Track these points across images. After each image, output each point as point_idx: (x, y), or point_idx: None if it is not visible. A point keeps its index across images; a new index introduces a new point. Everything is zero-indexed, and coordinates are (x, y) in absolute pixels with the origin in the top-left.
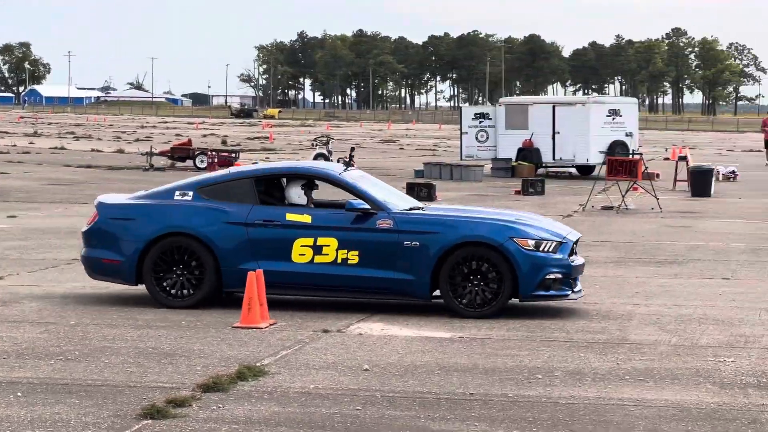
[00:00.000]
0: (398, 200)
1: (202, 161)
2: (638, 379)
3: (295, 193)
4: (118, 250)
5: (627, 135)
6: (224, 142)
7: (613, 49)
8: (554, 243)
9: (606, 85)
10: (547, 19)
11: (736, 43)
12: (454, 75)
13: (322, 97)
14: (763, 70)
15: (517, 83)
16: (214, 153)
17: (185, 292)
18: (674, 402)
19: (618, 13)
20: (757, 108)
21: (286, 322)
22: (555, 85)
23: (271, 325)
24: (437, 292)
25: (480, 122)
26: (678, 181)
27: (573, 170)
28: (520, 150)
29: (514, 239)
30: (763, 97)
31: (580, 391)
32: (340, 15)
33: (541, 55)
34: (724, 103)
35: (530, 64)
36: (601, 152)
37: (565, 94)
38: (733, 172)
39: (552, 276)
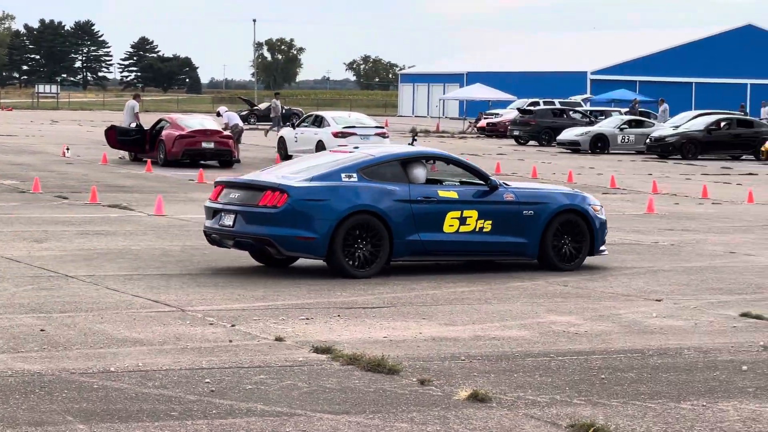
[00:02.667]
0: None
1: None
2: None
3: (421, 173)
4: (312, 228)
5: None
6: None
7: None
8: (600, 207)
9: None
10: None
11: None
12: None
13: None
14: None
15: None
16: None
17: (366, 263)
18: None
19: None
20: None
21: None
22: None
23: None
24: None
25: None
26: None
27: None
28: None
29: (591, 205)
30: None
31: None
32: None
33: None
34: None
35: None
36: None
37: None
38: None
39: (607, 233)
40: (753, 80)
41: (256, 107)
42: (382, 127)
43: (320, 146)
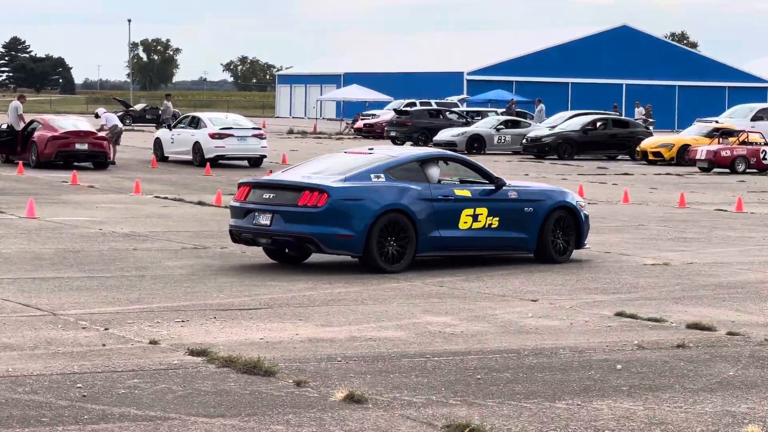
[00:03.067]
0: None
1: None
2: None
3: (436, 172)
4: (350, 226)
5: None
6: None
7: None
8: (584, 203)
9: None
10: None
11: None
12: None
13: None
14: None
15: None
16: None
17: (395, 259)
18: None
19: None
20: None
21: None
22: None
23: None
24: None
25: None
26: None
27: None
28: None
29: (578, 202)
30: None
31: None
32: None
33: None
34: None
35: None
36: None
37: None
38: None
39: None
40: (629, 80)
41: (131, 108)
42: (260, 129)
43: (197, 148)
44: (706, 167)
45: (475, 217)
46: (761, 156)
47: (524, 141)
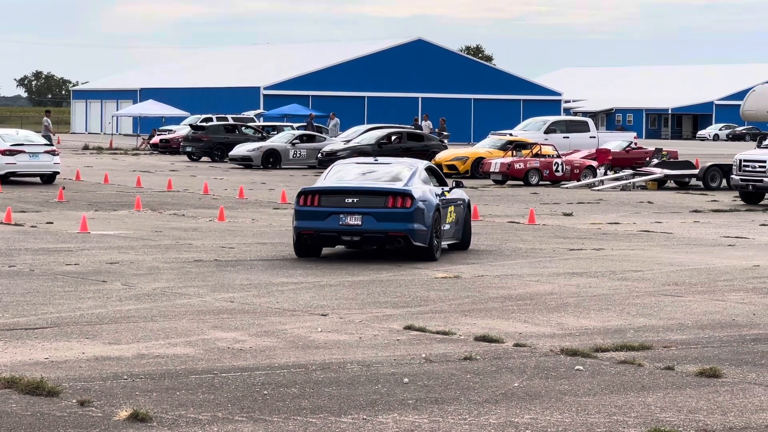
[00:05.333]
0: None
1: None
2: None
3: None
4: (424, 222)
5: None
6: None
7: None
8: None
9: None
10: None
11: None
12: None
13: None
14: None
15: None
16: None
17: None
18: None
19: None
20: None
21: None
22: None
23: None
24: None
25: None
26: None
27: None
28: None
29: None
30: None
31: None
32: None
33: None
34: None
35: None
36: None
37: None
38: None
39: None
40: (425, 94)
41: None
42: (52, 145)
43: None
44: (501, 180)
45: (449, 215)
46: (554, 168)
47: (319, 155)
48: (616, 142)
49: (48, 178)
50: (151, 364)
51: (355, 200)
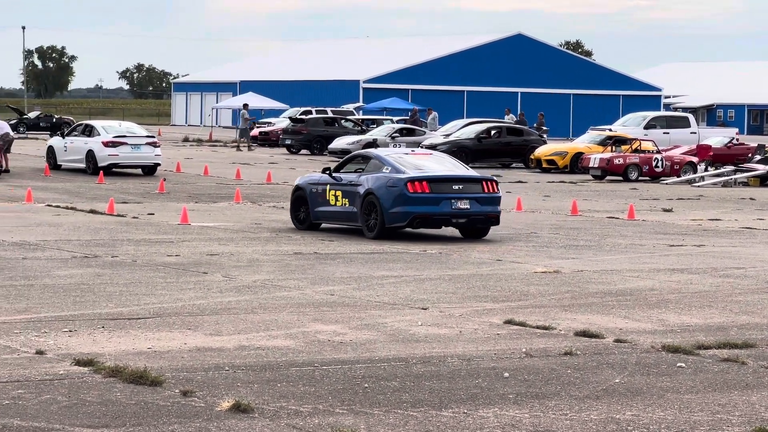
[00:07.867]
0: None
1: None
2: None
3: None
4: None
5: None
6: None
7: None
8: None
9: None
10: None
11: None
12: None
13: None
14: None
15: None
16: None
17: None
18: None
19: None
20: None
21: None
22: None
23: None
24: None
25: None
26: None
27: None
28: None
29: None
30: None
31: None
32: None
33: None
34: None
35: None
36: None
37: None
38: None
39: None
40: (524, 89)
41: (25, 116)
42: (153, 137)
43: (90, 156)
44: (599, 175)
45: None
46: (653, 164)
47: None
48: (717, 138)
49: (149, 170)
50: (252, 356)
51: (460, 187)
